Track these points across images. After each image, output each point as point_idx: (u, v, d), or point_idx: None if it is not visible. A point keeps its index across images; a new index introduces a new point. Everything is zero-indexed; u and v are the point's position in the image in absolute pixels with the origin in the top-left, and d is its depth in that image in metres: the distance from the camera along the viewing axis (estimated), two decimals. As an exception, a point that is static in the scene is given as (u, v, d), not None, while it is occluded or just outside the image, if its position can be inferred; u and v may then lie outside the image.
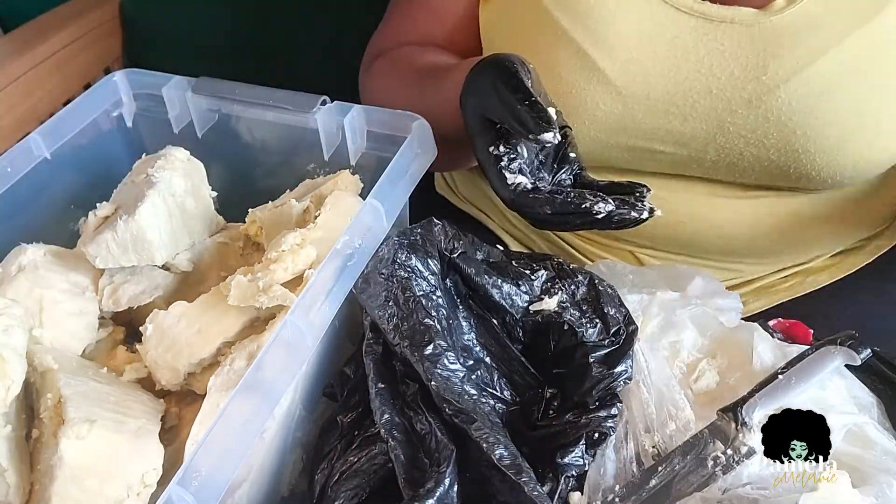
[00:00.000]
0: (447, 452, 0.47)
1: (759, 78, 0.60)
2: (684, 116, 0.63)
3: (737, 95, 0.61)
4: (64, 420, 0.47)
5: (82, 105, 0.65)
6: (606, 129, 0.65)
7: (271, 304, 0.51)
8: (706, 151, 0.64)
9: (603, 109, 0.64)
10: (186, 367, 0.53)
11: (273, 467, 0.52)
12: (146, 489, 0.47)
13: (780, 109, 0.60)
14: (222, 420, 0.42)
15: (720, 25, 0.60)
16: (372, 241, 0.52)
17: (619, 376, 0.50)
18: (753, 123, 0.61)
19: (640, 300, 0.57)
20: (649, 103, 0.63)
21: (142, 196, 0.56)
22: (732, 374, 0.54)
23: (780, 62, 0.59)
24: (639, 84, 0.62)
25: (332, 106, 0.62)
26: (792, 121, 0.60)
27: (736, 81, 0.61)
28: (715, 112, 0.62)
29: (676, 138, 0.64)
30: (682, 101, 0.62)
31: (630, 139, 0.66)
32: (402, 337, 0.50)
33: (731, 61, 0.61)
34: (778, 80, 0.59)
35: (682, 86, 0.62)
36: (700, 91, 0.62)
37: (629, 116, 0.64)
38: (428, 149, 0.59)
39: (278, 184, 0.68)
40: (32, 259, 0.58)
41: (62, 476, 0.45)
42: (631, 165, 0.69)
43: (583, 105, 0.64)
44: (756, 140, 0.62)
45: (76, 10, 1.05)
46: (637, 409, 0.51)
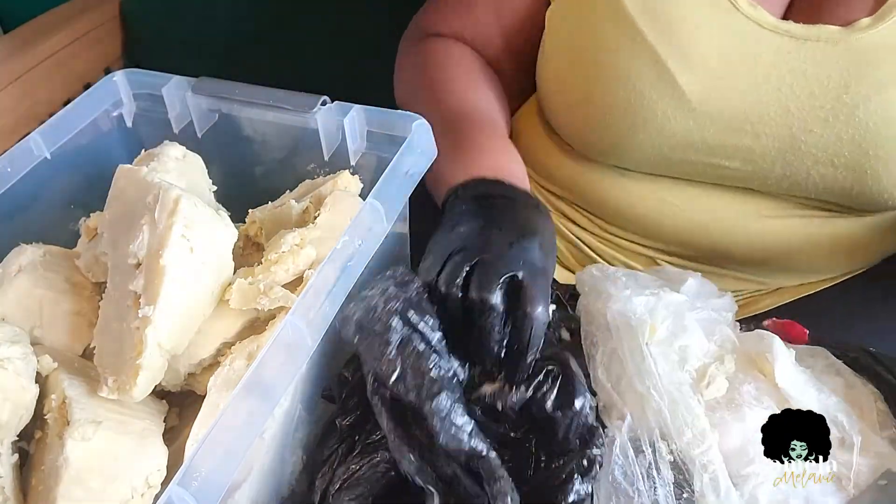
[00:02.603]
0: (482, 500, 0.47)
1: (839, 97, 0.59)
2: (757, 134, 0.62)
3: (814, 114, 0.60)
4: (69, 421, 0.47)
5: (82, 105, 0.65)
6: (672, 143, 0.64)
7: (272, 306, 0.51)
8: (773, 169, 0.64)
9: (672, 124, 0.63)
10: (186, 368, 0.53)
11: (273, 467, 0.52)
12: (150, 490, 0.47)
13: (856, 129, 0.59)
14: (222, 420, 0.42)
15: (805, 44, 0.60)
16: (372, 241, 0.52)
17: (581, 412, 0.49)
18: (826, 142, 0.60)
19: (646, 302, 0.56)
20: (723, 121, 0.62)
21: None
22: (741, 381, 0.53)
23: (863, 82, 0.58)
24: (714, 101, 0.61)
25: (332, 106, 0.62)
26: (866, 141, 0.59)
27: (815, 100, 0.60)
28: (789, 130, 0.61)
29: (745, 155, 0.64)
30: (757, 119, 0.62)
31: (695, 154, 0.65)
32: (408, 389, 0.48)
33: (812, 80, 0.60)
34: (858, 100, 0.58)
35: (759, 104, 0.61)
36: (777, 110, 0.61)
37: (699, 133, 0.63)
38: (428, 149, 0.59)
39: (278, 184, 0.68)
40: (32, 259, 0.58)
41: (67, 477, 0.45)
42: (689, 176, 0.68)
43: (652, 116, 0.63)
44: (826, 159, 0.61)
45: (76, 10, 1.05)
46: (651, 416, 0.50)
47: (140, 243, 0.51)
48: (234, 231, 0.54)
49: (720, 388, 0.52)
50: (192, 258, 0.51)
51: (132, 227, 0.52)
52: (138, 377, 0.48)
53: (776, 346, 0.54)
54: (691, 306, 0.57)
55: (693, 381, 0.53)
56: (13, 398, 0.48)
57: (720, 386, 0.52)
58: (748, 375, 0.53)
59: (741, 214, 0.69)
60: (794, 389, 0.52)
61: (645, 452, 0.49)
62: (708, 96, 0.61)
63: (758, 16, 0.61)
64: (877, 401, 0.54)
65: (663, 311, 0.55)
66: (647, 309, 0.55)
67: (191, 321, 0.51)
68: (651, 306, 0.55)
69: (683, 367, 0.53)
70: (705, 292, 0.60)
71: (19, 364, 0.49)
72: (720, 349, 0.55)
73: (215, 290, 0.53)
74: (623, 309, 0.55)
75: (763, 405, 0.51)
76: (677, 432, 0.49)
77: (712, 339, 0.55)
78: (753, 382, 0.53)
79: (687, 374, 0.53)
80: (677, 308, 0.56)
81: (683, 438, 0.49)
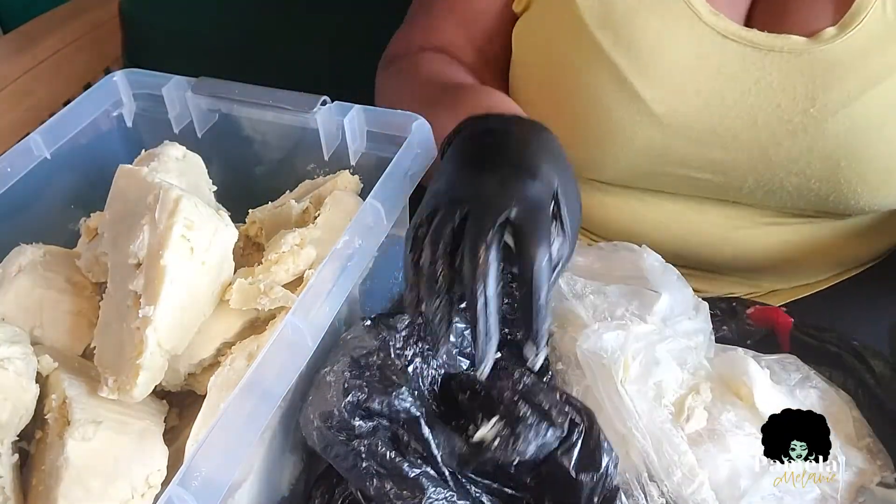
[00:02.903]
0: None
1: (806, 110, 0.58)
2: (726, 147, 0.62)
3: (782, 127, 0.59)
4: (69, 421, 0.47)
5: (82, 105, 0.65)
6: (643, 156, 0.63)
7: (273, 306, 0.51)
8: (745, 180, 0.63)
9: (641, 137, 0.62)
10: (186, 368, 0.53)
11: (273, 467, 0.52)
12: (150, 490, 0.47)
13: (826, 141, 0.58)
14: (222, 420, 0.42)
15: (769, 54, 0.59)
16: (372, 241, 0.52)
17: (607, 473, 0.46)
18: (797, 154, 0.60)
19: (616, 338, 0.54)
20: (691, 134, 0.61)
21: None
22: (719, 410, 0.52)
23: (829, 94, 0.58)
24: (681, 115, 0.61)
25: (332, 106, 0.62)
26: (837, 153, 0.59)
27: (782, 113, 0.59)
28: (758, 142, 0.61)
29: (716, 167, 0.63)
30: (725, 132, 0.61)
31: (667, 166, 0.64)
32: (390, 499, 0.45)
33: (778, 92, 0.59)
34: (826, 113, 0.58)
35: (726, 117, 0.60)
36: (745, 122, 0.60)
37: (668, 146, 0.62)
38: (428, 149, 0.59)
39: (278, 184, 0.68)
40: (32, 259, 0.58)
41: (68, 477, 0.45)
42: (663, 188, 0.67)
43: (620, 131, 0.62)
44: (798, 170, 0.61)
45: (76, 10, 1.05)
46: (636, 458, 0.49)
47: (140, 243, 0.51)
48: (235, 231, 0.54)
49: (700, 420, 0.51)
50: (193, 258, 0.51)
51: (132, 227, 0.52)
52: (138, 377, 0.48)
53: (751, 368, 0.53)
54: (661, 336, 0.55)
55: (672, 416, 0.52)
56: (13, 398, 0.48)
57: (700, 418, 0.51)
58: (726, 402, 0.52)
59: (719, 225, 0.68)
60: (775, 411, 0.51)
61: (636, 497, 0.48)
62: (674, 110, 0.61)
63: (720, 24, 0.60)
64: (851, 409, 0.54)
65: (634, 345, 0.53)
66: (617, 345, 0.53)
67: (191, 321, 0.51)
68: (621, 342, 0.53)
69: (661, 402, 0.52)
70: (679, 309, 0.58)
71: (19, 364, 0.49)
72: (694, 377, 0.54)
73: (215, 290, 0.53)
74: (593, 346, 0.53)
75: (745, 431, 0.51)
76: (665, 472, 0.48)
77: (685, 369, 0.54)
78: (732, 409, 0.52)
79: (666, 410, 0.52)
80: (648, 340, 0.54)
81: (673, 479, 0.48)
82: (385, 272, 0.62)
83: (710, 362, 0.56)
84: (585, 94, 0.62)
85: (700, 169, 0.64)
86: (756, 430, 0.50)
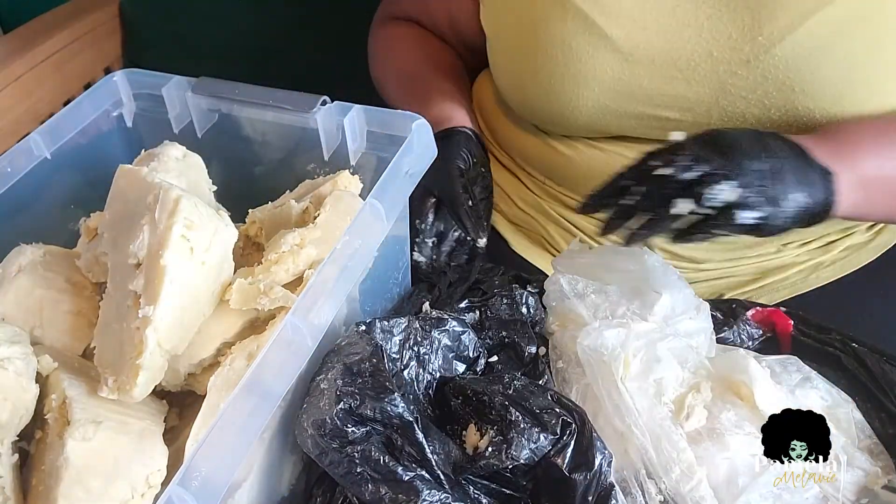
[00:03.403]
0: None
1: (755, 38, 0.62)
2: (688, 80, 0.65)
3: (735, 57, 0.63)
4: (69, 421, 0.47)
5: (82, 105, 0.65)
6: (614, 94, 0.67)
7: (273, 306, 0.51)
8: (710, 115, 0.66)
9: (610, 75, 0.66)
10: (186, 368, 0.53)
11: (273, 467, 0.52)
12: (150, 490, 0.48)
13: (777, 68, 0.62)
14: (222, 420, 0.42)
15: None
16: (372, 241, 0.52)
17: (601, 471, 0.46)
18: (753, 84, 0.63)
19: (617, 335, 0.54)
20: (654, 68, 0.65)
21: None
22: (719, 409, 0.52)
23: (775, 22, 0.61)
24: (644, 49, 0.65)
25: (332, 106, 0.62)
26: (790, 79, 0.62)
27: (734, 43, 0.63)
28: (716, 74, 0.64)
29: (681, 103, 0.66)
30: (685, 65, 0.65)
31: (637, 106, 0.68)
32: (385, 503, 0.45)
33: (728, 24, 0.63)
34: (773, 40, 0.61)
35: (684, 50, 0.64)
36: (701, 54, 0.64)
37: (636, 82, 0.66)
38: (428, 149, 0.59)
39: (278, 184, 0.68)
40: (32, 259, 0.58)
41: (68, 477, 0.45)
42: (637, 133, 0.70)
43: (591, 72, 0.66)
44: (757, 100, 0.64)
45: (76, 10, 1.05)
46: (635, 455, 0.49)
47: (140, 243, 0.51)
48: (235, 231, 0.54)
49: (700, 418, 0.51)
50: (193, 258, 0.51)
51: (132, 228, 0.52)
52: (138, 377, 0.48)
53: (752, 368, 0.53)
54: (662, 335, 0.55)
55: (672, 414, 0.51)
56: (13, 398, 0.48)
57: (700, 417, 0.51)
58: (726, 402, 0.52)
59: None
60: (776, 411, 0.51)
61: (633, 495, 0.47)
62: (636, 45, 0.65)
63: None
64: (853, 410, 0.54)
65: (635, 343, 0.53)
66: (618, 342, 0.53)
67: (191, 321, 0.51)
68: (622, 339, 0.53)
69: (661, 399, 0.52)
70: (680, 309, 0.58)
71: (19, 364, 0.49)
72: (695, 376, 0.54)
73: (215, 290, 0.53)
74: (594, 344, 0.53)
75: (745, 431, 0.51)
76: (664, 470, 0.48)
77: (686, 367, 0.54)
78: (733, 409, 0.52)
79: (666, 408, 0.51)
80: (649, 338, 0.54)
81: (671, 476, 0.48)
82: (385, 272, 0.62)
83: (710, 362, 0.56)
84: (556, 40, 0.67)
85: (665, 107, 0.67)
86: (756, 430, 0.50)
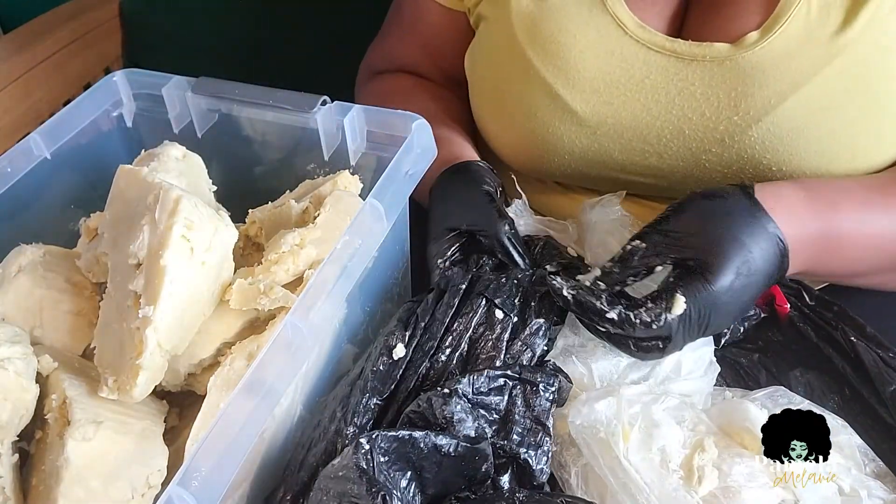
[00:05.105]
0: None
1: (730, 118, 0.59)
2: (659, 154, 0.63)
3: (709, 136, 0.60)
4: (70, 421, 0.47)
5: (82, 105, 0.65)
6: (584, 163, 0.66)
7: (273, 306, 0.51)
8: (685, 183, 0.64)
9: (578, 147, 0.65)
10: (186, 368, 0.53)
11: (273, 467, 0.52)
12: (151, 490, 0.48)
13: (753, 148, 0.59)
14: (222, 420, 0.42)
15: (691, 64, 0.60)
16: (372, 241, 0.52)
17: None
18: (729, 160, 0.61)
19: (608, 405, 0.50)
20: (623, 142, 0.63)
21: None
22: (729, 465, 0.49)
23: (751, 101, 0.58)
24: (611, 124, 0.63)
25: (332, 106, 0.62)
26: (767, 158, 0.60)
27: (707, 122, 0.60)
28: (690, 151, 0.62)
29: (654, 172, 0.65)
30: (656, 141, 0.63)
31: (609, 172, 0.66)
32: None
33: (701, 101, 0.60)
34: (749, 120, 0.58)
35: (653, 126, 0.62)
36: (672, 131, 0.62)
37: (605, 153, 0.65)
38: (428, 149, 0.59)
39: (278, 184, 0.68)
40: (32, 259, 0.58)
41: (68, 477, 0.45)
42: (610, 189, 0.68)
43: (559, 142, 0.65)
44: (733, 174, 0.62)
45: (76, 10, 1.05)
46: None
47: (140, 243, 0.51)
48: (235, 231, 0.54)
49: (712, 480, 0.48)
50: (193, 258, 0.51)
51: (132, 228, 0.52)
52: (138, 377, 0.48)
53: (752, 414, 0.51)
54: (655, 396, 0.52)
55: (683, 481, 0.48)
56: (13, 398, 0.48)
57: (712, 478, 0.48)
58: (733, 455, 0.49)
59: None
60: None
61: None
62: (602, 120, 0.63)
63: (646, 37, 0.61)
64: (851, 436, 0.52)
65: (629, 411, 0.50)
66: (612, 413, 0.49)
67: (191, 321, 0.51)
68: (614, 409, 0.50)
69: (668, 467, 0.48)
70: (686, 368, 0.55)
71: (20, 364, 0.49)
72: (694, 433, 0.51)
73: (215, 290, 0.53)
74: (587, 420, 0.49)
75: (759, 483, 0.48)
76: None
77: (684, 426, 0.51)
78: (741, 461, 0.49)
79: (675, 475, 0.48)
80: (642, 402, 0.51)
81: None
82: (385, 272, 0.62)
83: (707, 414, 0.53)
84: (524, 108, 0.65)
85: (640, 174, 0.66)
86: (769, 480, 0.48)
